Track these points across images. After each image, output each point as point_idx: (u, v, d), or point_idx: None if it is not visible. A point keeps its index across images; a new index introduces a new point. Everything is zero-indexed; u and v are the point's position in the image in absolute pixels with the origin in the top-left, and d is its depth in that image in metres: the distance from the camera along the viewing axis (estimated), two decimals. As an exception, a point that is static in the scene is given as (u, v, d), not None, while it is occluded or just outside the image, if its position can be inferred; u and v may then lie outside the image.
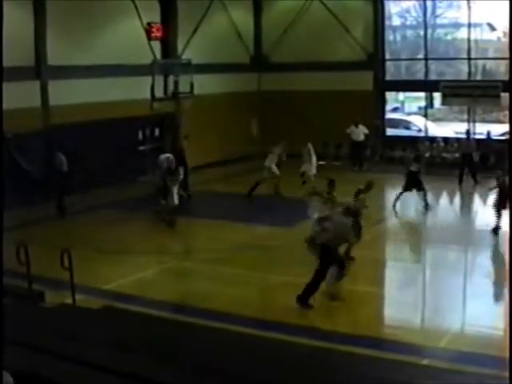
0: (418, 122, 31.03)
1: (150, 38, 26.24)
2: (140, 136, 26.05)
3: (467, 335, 11.44)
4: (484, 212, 19.83)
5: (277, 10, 31.74)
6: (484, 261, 16.16)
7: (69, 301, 11.95)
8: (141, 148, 25.66)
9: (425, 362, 9.94)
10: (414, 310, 12.91)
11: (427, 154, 27.92)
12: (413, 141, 29.20)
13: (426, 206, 20.26)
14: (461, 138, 27.25)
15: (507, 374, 8.20)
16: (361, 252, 14.73)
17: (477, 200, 23.58)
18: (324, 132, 28.99)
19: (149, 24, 26.17)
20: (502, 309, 12.34)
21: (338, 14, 29.78)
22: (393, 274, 15.63)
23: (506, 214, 16.97)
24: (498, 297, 13.31)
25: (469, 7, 28.19)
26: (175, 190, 19.36)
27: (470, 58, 28.52)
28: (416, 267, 15.64)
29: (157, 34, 26.48)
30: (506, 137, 27.67)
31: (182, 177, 20.27)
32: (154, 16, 26.73)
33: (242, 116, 29.67)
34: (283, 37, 31.05)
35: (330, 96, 29.49)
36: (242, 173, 26.82)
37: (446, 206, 23.33)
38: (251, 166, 26.22)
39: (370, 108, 29.58)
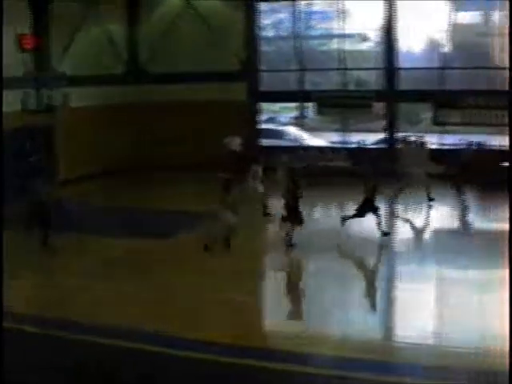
0: (293, 132, 32.61)
1: (21, 50, 25.91)
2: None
3: (348, 341, 12.05)
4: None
5: (153, 20, 32.47)
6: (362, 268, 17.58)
7: None
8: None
9: (307, 369, 10.76)
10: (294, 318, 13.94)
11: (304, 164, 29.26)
12: (287, 151, 30.57)
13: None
14: (337, 148, 29.18)
15: (385, 377, 9.71)
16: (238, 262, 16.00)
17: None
18: (198, 143, 29.91)
19: (20, 35, 25.86)
20: (380, 315, 13.64)
21: (213, 24, 30.81)
22: (270, 283, 16.57)
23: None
24: (375, 303, 14.64)
25: (341, 18, 30.06)
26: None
27: (343, 68, 30.36)
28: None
29: (28, 45, 26.25)
30: (380, 146, 30.01)
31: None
32: (27, 27, 26.53)
33: (117, 129, 29.93)
34: (159, 47, 31.98)
35: (204, 107, 30.76)
36: (118, 185, 28.23)
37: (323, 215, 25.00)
38: (126, 179, 28.14)
39: (244, 119, 30.74)
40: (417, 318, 13.14)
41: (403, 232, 20.85)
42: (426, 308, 14.02)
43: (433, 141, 28.49)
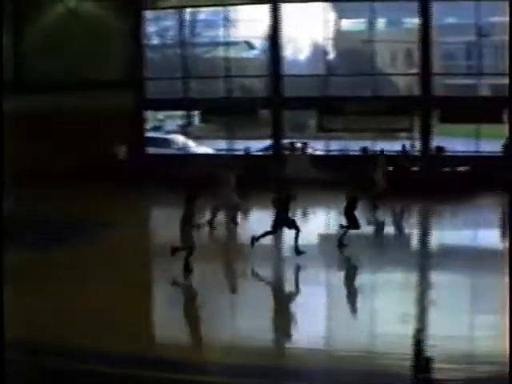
0: (178, 140, 32.56)
1: None
2: None
3: (239, 348, 11.83)
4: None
5: (36, 29, 31.76)
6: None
7: None
8: None
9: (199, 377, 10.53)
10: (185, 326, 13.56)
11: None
12: (174, 159, 30.54)
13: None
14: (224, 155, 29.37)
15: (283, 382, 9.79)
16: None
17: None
18: (83, 152, 29.41)
19: None
20: (268, 321, 13.40)
21: (98, 33, 30.52)
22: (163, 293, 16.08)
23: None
24: (266, 309, 14.20)
25: (227, 26, 30.37)
26: None
27: (228, 76, 30.59)
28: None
29: None
30: (267, 152, 30.35)
31: None
32: None
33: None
34: (43, 56, 31.22)
35: (90, 116, 30.15)
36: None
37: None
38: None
39: (130, 127, 30.47)
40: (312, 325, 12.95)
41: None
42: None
43: (318, 147, 29.14)
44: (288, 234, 17.57)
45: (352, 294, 15.05)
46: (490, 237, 20.63)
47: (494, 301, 13.51)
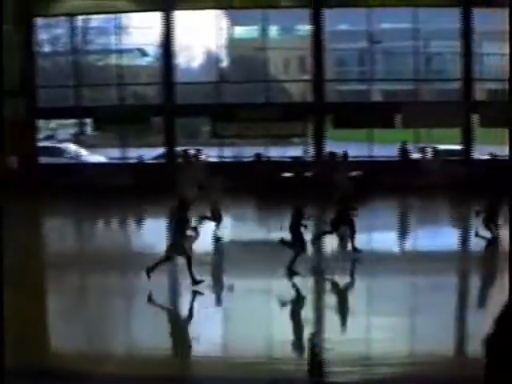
0: (71, 149, 32.02)
1: None
2: None
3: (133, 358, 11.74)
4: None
5: None
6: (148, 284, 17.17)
7: None
8: None
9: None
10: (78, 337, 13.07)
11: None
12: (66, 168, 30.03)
13: None
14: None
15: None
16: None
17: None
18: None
19: None
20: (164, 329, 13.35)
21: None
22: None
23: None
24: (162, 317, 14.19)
25: (120, 33, 30.12)
26: None
27: (121, 84, 30.32)
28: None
29: None
30: (160, 160, 30.13)
31: None
32: None
33: None
34: None
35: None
36: None
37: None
38: None
39: (22, 136, 29.81)
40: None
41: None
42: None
43: (211, 154, 29.11)
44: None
45: (250, 299, 14.64)
46: (385, 240, 20.93)
47: (389, 303, 13.72)
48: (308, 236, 16.83)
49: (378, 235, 22.13)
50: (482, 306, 14.38)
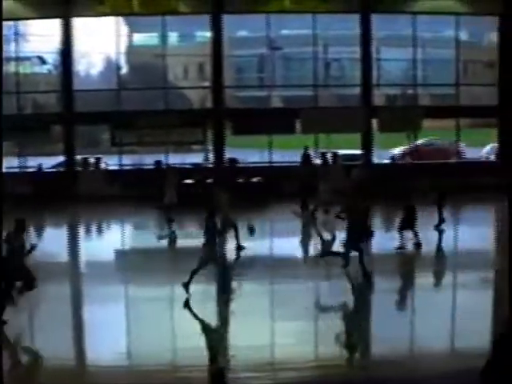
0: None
1: None
2: None
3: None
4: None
5: None
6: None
7: None
8: None
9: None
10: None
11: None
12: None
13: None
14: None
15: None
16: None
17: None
18: None
19: None
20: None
21: None
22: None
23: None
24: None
25: (17, 40, 29.88)
26: None
27: (20, 92, 30.02)
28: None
29: None
30: (59, 169, 29.97)
31: None
32: None
33: None
34: None
35: None
36: None
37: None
38: None
39: None
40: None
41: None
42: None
43: (111, 162, 29.13)
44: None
45: (152, 308, 14.71)
46: (287, 246, 21.21)
47: (294, 308, 14.00)
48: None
49: (279, 241, 22.48)
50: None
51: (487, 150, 34.86)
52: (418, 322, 13.51)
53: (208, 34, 30.04)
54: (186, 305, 14.25)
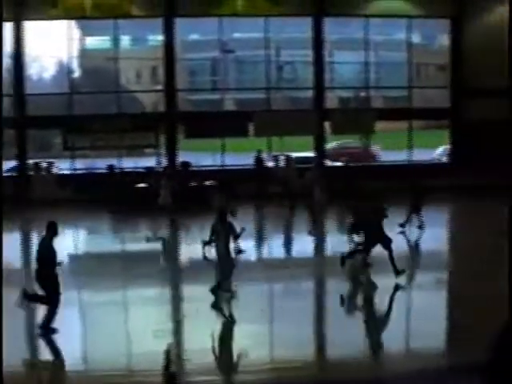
0: None
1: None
2: None
3: None
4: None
5: None
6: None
7: None
8: None
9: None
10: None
11: None
12: None
13: None
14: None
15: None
16: None
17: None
18: None
19: None
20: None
21: None
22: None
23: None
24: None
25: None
26: None
27: None
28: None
29: None
30: (11, 173, 29.91)
31: None
32: None
33: None
34: None
35: None
36: None
37: None
38: None
39: None
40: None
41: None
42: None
43: (63, 166, 29.18)
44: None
45: (106, 312, 14.71)
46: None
47: (249, 311, 14.13)
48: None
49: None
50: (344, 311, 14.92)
51: (439, 152, 35.69)
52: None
53: (160, 38, 30.09)
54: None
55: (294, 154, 30.91)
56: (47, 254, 12.99)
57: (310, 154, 31.18)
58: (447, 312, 14.96)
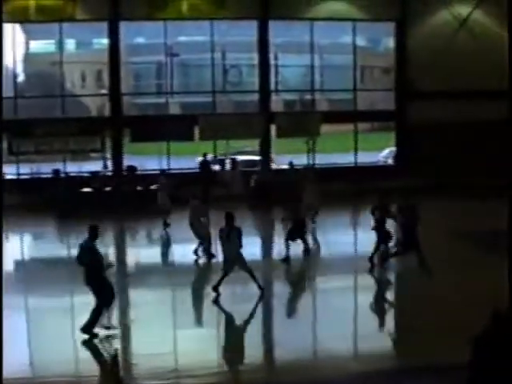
0: None
1: None
2: None
3: None
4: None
5: None
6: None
7: None
8: None
9: None
10: None
11: None
12: None
13: None
14: None
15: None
16: None
17: None
18: None
19: None
20: None
21: None
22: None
23: None
24: None
25: None
26: None
27: None
28: None
29: None
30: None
31: None
32: None
33: None
34: None
35: None
36: None
37: None
38: None
39: None
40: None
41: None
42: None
43: (9, 171, 29.26)
44: None
45: (51, 318, 14.81)
46: (186, 252, 21.03)
47: (192, 315, 14.73)
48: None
49: (177, 247, 22.74)
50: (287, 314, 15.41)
51: (385, 154, 36.44)
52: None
53: (105, 41, 30.11)
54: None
55: (240, 157, 31.52)
56: (93, 256, 13.25)
57: (256, 158, 31.81)
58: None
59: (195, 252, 19.27)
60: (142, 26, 31.52)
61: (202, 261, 19.35)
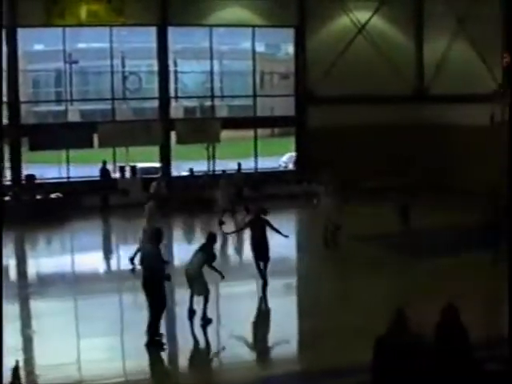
0: None
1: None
2: None
3: None
4: None
5: None
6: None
7: None
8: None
9: None
10: None
11: None
12: None
13: None
14: None
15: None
16: None
17: None
18: None
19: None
20: None
21: None
22: None
23: None
24: None
25: None
26: None
27: None
28: None
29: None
30: None
31: None
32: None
33: None
34: None
35: None
36: None
37: None
38: None
39: None
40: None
41: None
42: None
43: None
44: None
45: None
46: (88, 261, 22.38)
47: (97, 323, 15.02)
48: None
49: (79, 256, 23.59)
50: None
51: (285, 159, 38.13)
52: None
53: (3, 49, 29.49)
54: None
55: (140, 165, 32.75)
56: (155, 261, 13.86)
57: (156, 165, 32.77)
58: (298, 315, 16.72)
59: (131, 260, 19.37)
60: (40, 32, 31.58)
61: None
